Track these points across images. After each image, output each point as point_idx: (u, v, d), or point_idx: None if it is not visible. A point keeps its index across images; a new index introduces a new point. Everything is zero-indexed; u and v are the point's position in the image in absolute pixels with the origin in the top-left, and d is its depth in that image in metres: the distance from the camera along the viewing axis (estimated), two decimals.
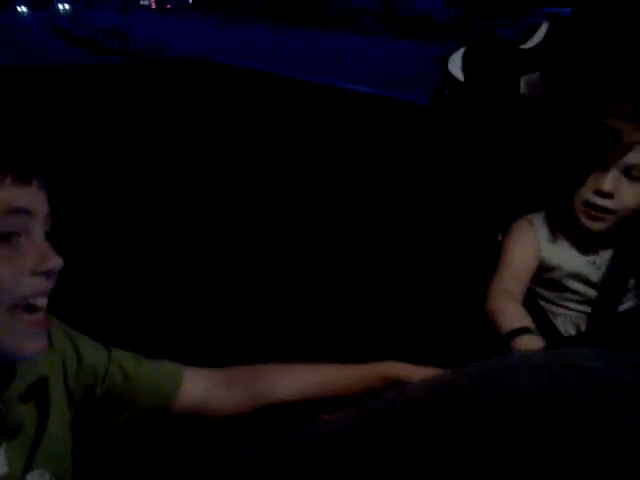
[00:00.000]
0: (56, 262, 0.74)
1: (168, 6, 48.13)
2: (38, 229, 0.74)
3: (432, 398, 0.48)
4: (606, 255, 1.32)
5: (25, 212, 0.72)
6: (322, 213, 3.41)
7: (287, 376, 1.03)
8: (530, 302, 1.31)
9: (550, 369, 0.48)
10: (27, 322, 0.73)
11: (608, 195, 1.24)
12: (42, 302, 0.74)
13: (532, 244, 1.34)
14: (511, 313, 1.22)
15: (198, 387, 1.00)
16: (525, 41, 1.57)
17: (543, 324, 1.27)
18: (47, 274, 0.74)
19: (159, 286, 2.54)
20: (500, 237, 1.42)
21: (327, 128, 5.86)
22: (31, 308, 0.73)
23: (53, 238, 0.76)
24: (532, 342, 1.13)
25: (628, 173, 1.24)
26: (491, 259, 1.37)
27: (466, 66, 1.57)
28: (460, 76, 1.57)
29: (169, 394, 0.97)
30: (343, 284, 2.31)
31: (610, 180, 1.24)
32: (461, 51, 1.60)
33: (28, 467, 0.78)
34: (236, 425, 1.06)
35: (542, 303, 1.35)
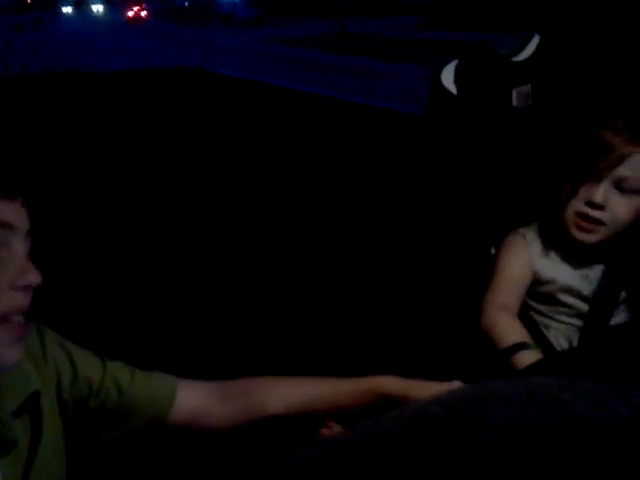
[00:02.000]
0: (35, 277, 0.74)
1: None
2: (19, 244, 0.75)
3: (405, 430, 0.49)
4: (598, 269, 1.33)
5: (8, 227, 0.73)
6: (314, 223, 3.42)
7: (281, 390, 1.03)
8: (523, 315, 1.31)
9: (519, 400, 0.49)
10: (3, 331, 0.73)
11: (599, 206, 1.25)
12: (19, 318, 0.74)
13: (525, 258, 1.34)
14: (509, 328, 1.23)
15: (192, 400, 1.00)
16: (517, 54, 1.58)
17: (536, 337, 1.27)
18: (26, 288, 0.74)
19: (153, 296, 2.54)
20: (493, 250, 1.42)
21: (317, 138, 5.89)
22: (6, 319, 0.73)
23: (37, 254, 0.77)
24: (532, 357, 1.14)
25: (619, 186, 1.25)
26: (484, 272, 1.38)
27: (458, 79, 1.58)
28: (452, 89, 1.58)
29: (163, 407, 0.97)
30: (336, 296, 2.31)
31: (601, 191, 1.24)
32: (453, 64, 1.61)
33: None
34: (229, 438, 1.06)
35: (535, 316, 1.35)
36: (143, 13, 33.97)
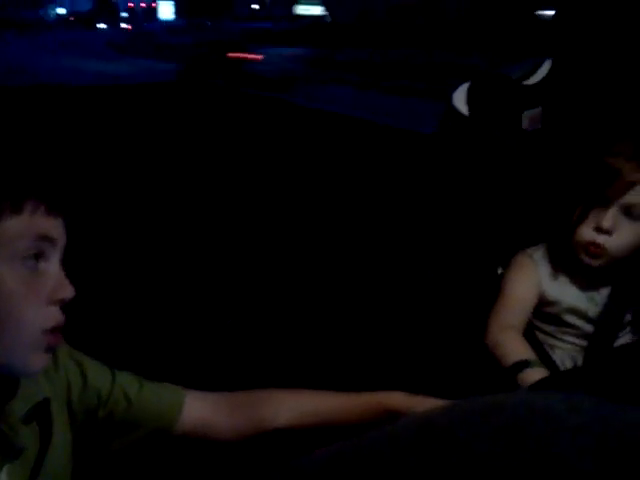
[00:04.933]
0: (70, 291, 0.77)
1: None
2: (56, 259, 0.77)
3: (407, 439, 0.51)
4: (605, 292, 1.34)
5: (50, 241, 0.76)
6: (325, 240, 3.43)
7: (287, 403, 1.05)
8: (528, 334, 1.33)
9: (514, 412, 0.51)
10: (39, 339, 0.75)
11: (607, 232, 1.26)
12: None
13: (532, 278, 1.36)
14: (514, 346, 1.24)
15: (200, 411, 1.01)
16: (528, 77, 1.60)
17: (541, 357, 1.28)
18: (61, 302, 0.76)
19: (155, 304, 2.56)
20: (500, 270, 1.44)
21: (322, 153, 5.91)
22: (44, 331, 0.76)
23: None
24: (536, 374, 1.14)
25: (628, 212, 1.26)
26: (491, 291, 1.39)
27: (470, 101, 1.60)
28: (464, 110, 1.60)
29: (170, 418, 0.98)
30: (344, 311, 2.33)
31: (610, 218, 1.26)
32: (465, 86, 1.63)
33: None
34: (234, 449, 1.07)
35: (540, 336, 1.37)
36: (129, 27, 45.91)
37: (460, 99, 1.63)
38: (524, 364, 1.18)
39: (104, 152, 5.87)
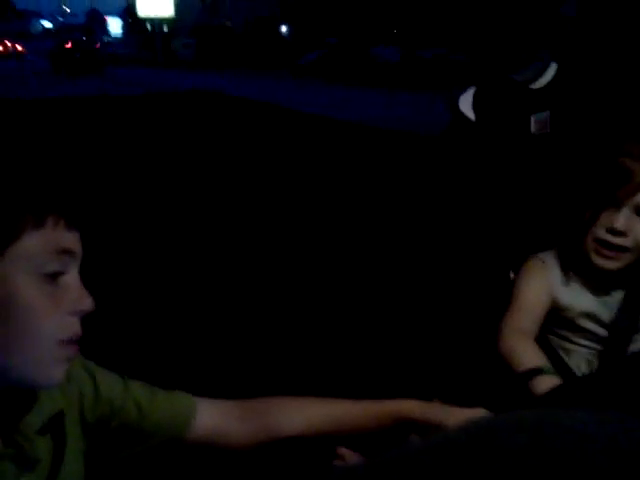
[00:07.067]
0: (90, 303, 0.77)
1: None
2: (75, 271, 0.78)
3: (429, 456, 0.50)
4: (617, 295, 1.32)
5: (70, 254, 0.76)
6: (333, 245, 3.43)
7: (300, 410, 1.03)
8: (543, 339, 1.30)
9: (540, 429, 0.51)
10: (56, 351, 0.75)
11: (621, 233, 1.24)
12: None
13: (544, 283, 1.33)
14: (526, 352, 1.21)
15: (211, 419, 1.00)
16: (534, 81, 1.59)
17: (555, 361, 1.26)
18: (80, 313, 0.76)
19: (168, 314, 2.55)
20: (512, 275, 1.42)
21: (328, 157, 5.92)
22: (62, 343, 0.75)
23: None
24: (549, 382, 1.12)
25: None
26: (502, 296, 1.38)
27: (477, 105, 1.60)
28: (471, 115, 1.60)
29: (182, 426, 0.97)
30: (356, 317, 2.32)
31: (623, 218, 1.24)
32: (472, 91, 1.63)
33: None
34: (248, 457, 1.06)
35: (555, 340, 1.34)
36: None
37: (466, 104, 1.62)
38: (537, 371, 1.15)
39: (113, 162, 5.88)
